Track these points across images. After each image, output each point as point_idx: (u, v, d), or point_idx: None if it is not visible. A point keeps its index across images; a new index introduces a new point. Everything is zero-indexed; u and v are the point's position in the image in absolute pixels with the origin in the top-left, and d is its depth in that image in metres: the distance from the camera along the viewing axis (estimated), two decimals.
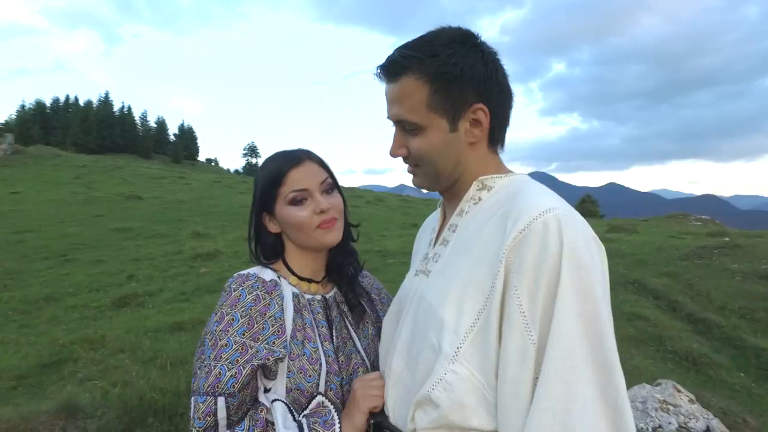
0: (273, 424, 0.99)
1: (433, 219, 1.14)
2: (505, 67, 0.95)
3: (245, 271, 1.14)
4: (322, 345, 1.10)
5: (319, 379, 1.06)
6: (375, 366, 1.14)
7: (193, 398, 1.00)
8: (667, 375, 3.70)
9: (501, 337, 0.81)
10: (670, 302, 6.20)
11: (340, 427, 0.99)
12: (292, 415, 1.01)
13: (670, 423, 2.27)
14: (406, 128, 0.95)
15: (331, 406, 1.03)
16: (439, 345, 0.86)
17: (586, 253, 0.79)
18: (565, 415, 0.73)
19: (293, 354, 1.05)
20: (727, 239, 9.22)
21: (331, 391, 1.07)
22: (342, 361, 1.11)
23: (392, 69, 0.93)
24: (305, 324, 1.10)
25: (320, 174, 1.14)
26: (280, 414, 0.99)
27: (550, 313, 0.76)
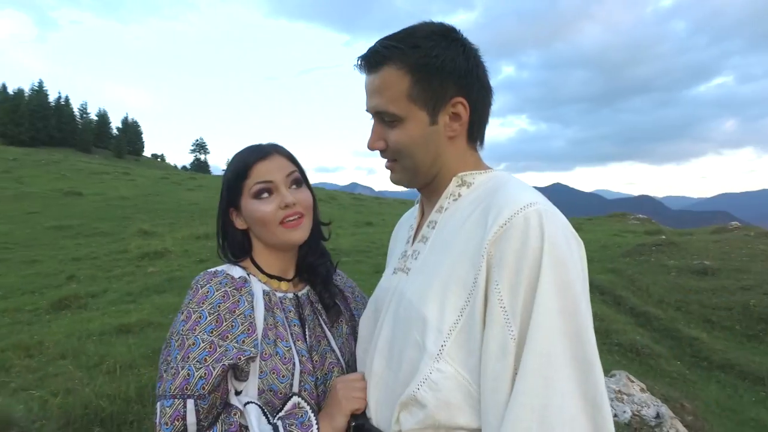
0: (247, 428, 0.95)
1: (411, 216, 1.13)
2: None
3: (213, 269, 1.09)
4: (295, 344, 1.06)
5: (292, 380, 1.02)
6: (350, 365, 1.12)
7: (159, 403, 0.94)
8: (614, 367, 3.89)
9: (484, 332, 0.80)
10: (614, 297, 6.54)
11: (317, 429, 0.96)
12: (267, 417, 0.97)
13: (624, 412, 2.39)
14: (385, 120, 0.93)
15: (308, 407, 0.99)
16: (423, 343, 0.84)
17: (566, 248, 0.79)
18: (543, 411, 0.73)
19: (265, 354, 1.02)
20: (663, 237, 9.82)
21: (305, 391, 1.03)
22: (316, 361, 1.08)
23: (373, 59, 0.92)
24: (277, 322, 1.07)
25: (287, 167, 1.10)
26: (254, 417, 0.95)
27: (530, 308, 0.76)
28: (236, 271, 1.09)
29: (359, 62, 0.94)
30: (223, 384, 0.98)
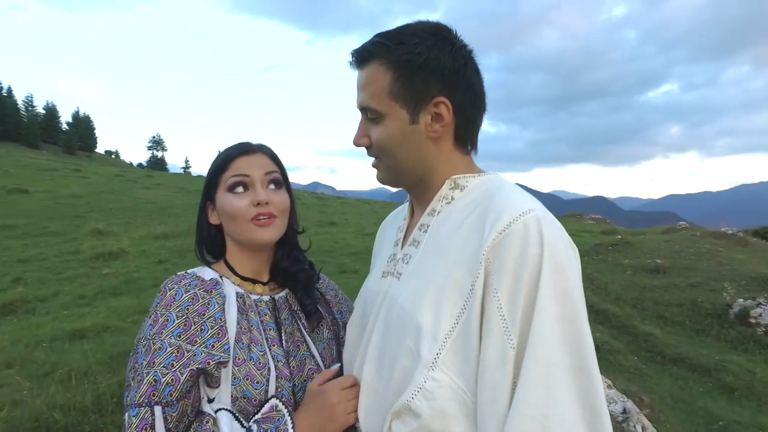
0: None
1: (397, 218, 1.11)
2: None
3: (183, 272, 1.05)
4: (270, 349, 1.02)
5: (268, 386, 0.98)
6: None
7: (126, 414, 0.89)
8: None
9: (481, 341, 0.79)
10: None
11: (291, 423, 0.92)
12: (240, 422, 0.92)
13: None
14: (368, 116, 0.93)
15: (285, 411, 0.95)
16: (417, 351, 0.82)
17: (564, 255, 0.79)
18: (545, 421, 0.72)
19: (238, 359, 0.97)
20: (619, 237, 10.20)
21: (282, 398, 0.99)
22: (294, 367, 1.04)
23: (361, 55, 0.91)
24: (251, 326, 1.02)
25: (268, 166, 1.07)
26: (225, 423, 0.91)
27: (530, 316, 0.75)
28: (207, 273, 1.05)
29: (351, 58, 0.93)
30: (194, 391, 0.93)
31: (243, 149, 1.08)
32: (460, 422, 0.80)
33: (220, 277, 1.07)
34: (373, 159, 0.97)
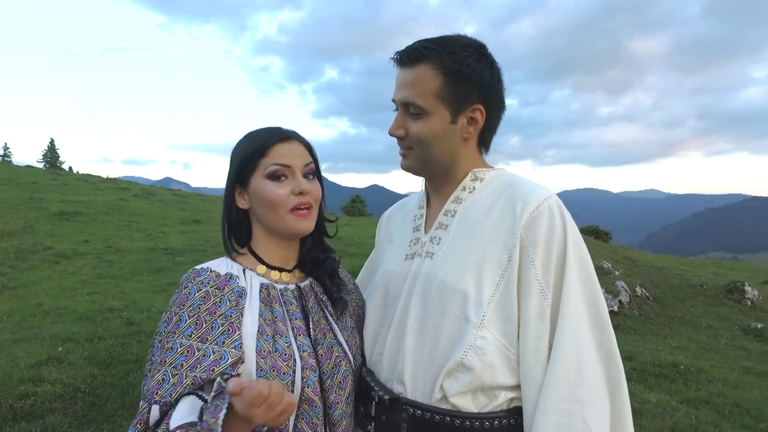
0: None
1: (405, 209, 1.21)
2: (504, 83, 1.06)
3: (200, 266, 1.02)
4: (295, 339, 1.00)
5: (294, 376, 0.96)
6: (356, 358, 1.09)
7: (142, 399, 0.89)
8: None
9: (519, 301, 0.93)
10: None
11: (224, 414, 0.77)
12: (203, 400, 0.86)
13: None
14: (410, 111, 1.01)
15: (226, 397, 0.80)
16: (464, 316, 0.94)
17: (578, 231, 0.97)
18: (578, 359, 0.91)
19: (263, 351, 0.95)
20: None
21: (308, 387, 0.98)
22: (321, 355, 1.03)
23: (412, 56, 0.99)
24: (276, 318, 1.00)
25: (306, 156, 1.06)
26: (183, 406, 0.84)
27: (561, 280, 0.93)
28: (223, 267, 1.02)
29: (396, 56, 1.01)
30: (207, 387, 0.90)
31: (282, 135, 1.04)
32: (503, 372, 0.94)
33: (243, 270, 1.03)
34: (400, 148, 1.06)
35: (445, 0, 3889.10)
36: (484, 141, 1.08)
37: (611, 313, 6.55)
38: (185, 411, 0.84)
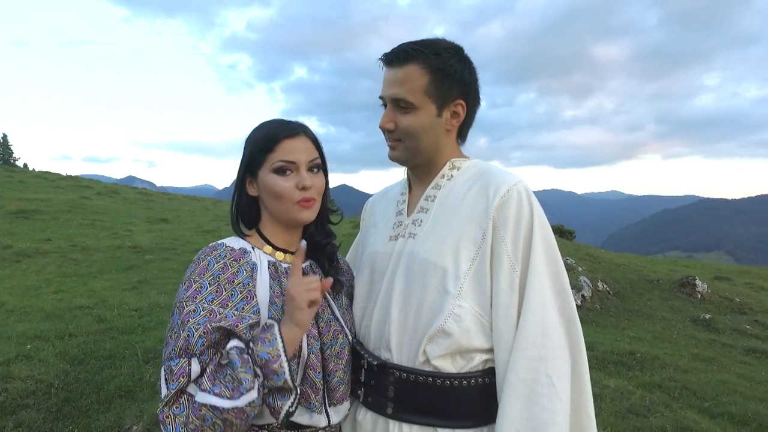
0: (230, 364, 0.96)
1: (388, 195, 1.34)
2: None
3: (214, 242, 1.11)
4: None
5: (301, 342, 1.06)
6: (352, 332, 1.21)
7: (165, 365, 0.97)
8: None
9: (492, 275, 1.07)
10: None
11: (279, 329, 0.99)
12: (245, 345, 0.99)
13: None
14: (400, 106, 1.13)
15: (275, 322, 1.01)
16: (444, 288, 1.07)
17: (543, 213, 1.11)
18: (543, 324, 1.05)
19: (274, 319, 1.05)
20: None
21: (312, 354, 1.08)
22: (322, 328, 1.14)
23: (402, 56, 1.11)
24: (283, 290, 1.10)
25: (311, 151, 1.14)
26: (234, 351, 0.97)
27: (528, 255, 1.07)
28: (237, 243, 1.12)
29: (385, 57, 1.13)
30: (224, 344, 1.00)
31: (289, 131, 1.11)
32: (479, 337, 1.08)
33: (252, 247, 1.12)
34: (389, 140, 1.18)
35: (414, 1, 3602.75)
36: (461, 133, 1.21)
37: None
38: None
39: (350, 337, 1.20)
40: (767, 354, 5.67)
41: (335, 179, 1.07)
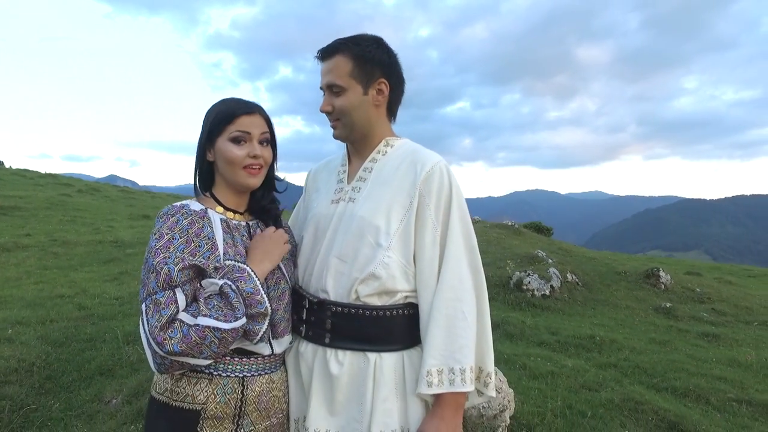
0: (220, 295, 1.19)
1: (329, 166, 1.58)
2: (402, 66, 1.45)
3: (177, 203, 1.30)
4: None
5: None
6: (290, 280, 1.43)
7: (149, 299, 1.14)
8: None
9: (416, 234, 1.33)
10: None
11: (251, 269, 1.25)
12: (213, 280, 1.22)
13: None
14: (333, 91, 1.37)
15: (242, 264, 1.26)
16: (377, 242, 1.32)
17: (458, 185, 1.37)
18: (459, 271, 1.32)
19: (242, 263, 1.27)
20: None
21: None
22: (267, 275, 1.35)
23: (330, 50, 1.37)
24: (236, 242, 1.32)
25: (263, 127, 1.35)
26: (226, 285, 1.20)
27: (447, 219, 1.33)
28: (196, 206, 1.32)
29: (318, 54, 1.39)
30: (197, 282, 1.21)
31: (246, 109, 1.32)
32: (401, 281, 1.34)
33: (206, 209, 1.32)
34: (331, 122, 1.42)
35: (400, 1, 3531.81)
36: (392, 111, 1.46)
37: (543, 297, 7.17)
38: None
39: (290, 283, 1.42)
40: (718, 337, 6.02)
41: None
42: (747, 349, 5.50)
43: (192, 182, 1.40)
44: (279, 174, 1.46)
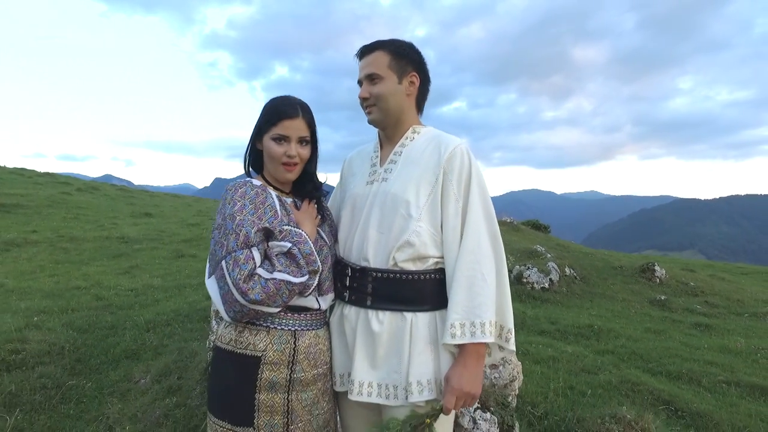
0: (284, 254, 1.45)
1: (362, 153, 1.80)
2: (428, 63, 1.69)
3: (241, 180, 1.54)
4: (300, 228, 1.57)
5: None
6: (331, 248, 1.65)
7: (229, 256, 1.38)
8: None
9: (442, 206, 1.54)
10: None
11: (306, 234, 1.51)
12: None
13: None
14: (371, 79, 1.61)
15: (293, 227, 1.50)
16: (408, 214, 1.53)
17: (477, 164, 1.58)
18: (479, 238, 1.51)
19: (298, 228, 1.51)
20: None
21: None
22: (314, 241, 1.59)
23: (370, 48, 1.62)
24: (289, 213, 1.56)
25: (304, 130, 1.58)
26: (294, 247, 1.45)
27: (468, 192, 1.54)
28: (257, 182, 1.56)
29: (359, 52, 1.63)
30: (266, 242, 1.44)
31: (290, 114, 1.54)
32: (432, 248, 1.54)
33: (265, 185, 1.56)
34: (368, 107, 1.64)
35: (396, 1, 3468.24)
36: (419, 103, 1.69)
37: (542, 289, 7.40)
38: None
39: (332, 250, 1.66)
40: (710, 327, 6.27)
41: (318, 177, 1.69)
42: (737, 338, 5.75)
43: (186, 182, 1.67)
44: (320, 175, 1.70)
